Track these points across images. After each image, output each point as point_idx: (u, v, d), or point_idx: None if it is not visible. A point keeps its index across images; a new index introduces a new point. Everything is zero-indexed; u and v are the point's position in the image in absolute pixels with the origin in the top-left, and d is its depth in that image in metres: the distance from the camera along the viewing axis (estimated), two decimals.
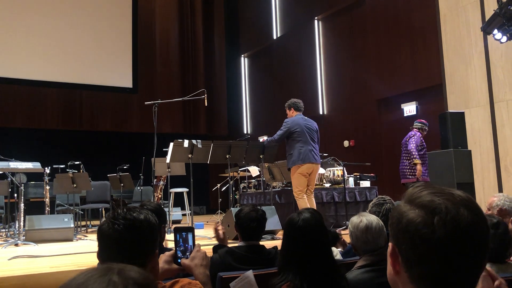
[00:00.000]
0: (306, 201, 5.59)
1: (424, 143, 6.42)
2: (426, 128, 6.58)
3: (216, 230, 2.94)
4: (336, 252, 2.99)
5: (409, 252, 0.84)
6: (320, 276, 1.75)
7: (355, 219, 2.29)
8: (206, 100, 6.02)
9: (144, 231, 1.45)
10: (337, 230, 3.69)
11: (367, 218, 2.27)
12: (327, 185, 6.84)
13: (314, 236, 1.84)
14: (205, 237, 5.71)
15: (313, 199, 5.82)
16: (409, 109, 8.65)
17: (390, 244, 0.89)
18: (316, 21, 10.88)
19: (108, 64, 12.51)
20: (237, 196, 8.46)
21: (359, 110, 9.68)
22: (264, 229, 2.76)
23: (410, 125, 8.65)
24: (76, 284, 0.63)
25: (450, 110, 6.51)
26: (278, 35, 12.19)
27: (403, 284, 0.88)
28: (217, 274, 2.16)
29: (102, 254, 1.46)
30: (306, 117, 6.04)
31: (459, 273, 0.81)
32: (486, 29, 6.10)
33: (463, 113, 6.25)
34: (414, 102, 8.59)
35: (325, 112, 10.67)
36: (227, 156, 5.74)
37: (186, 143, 5.50)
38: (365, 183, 7.14)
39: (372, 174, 7.72)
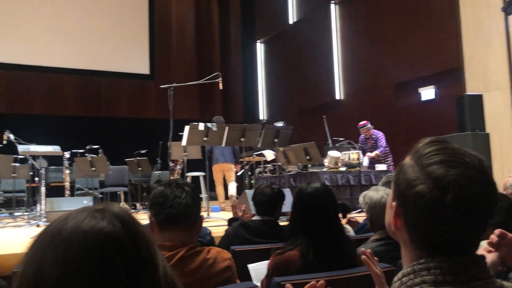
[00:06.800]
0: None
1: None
2: None
3: (234, 207, 3.01)
4: (349, 229, 3.00)
5: (414, 220, 0.83)
6: (327, 243, 1.77)
7: (374, 195, 2.29)
8: (221, 83, 6.04)
9: (199, 197, 1.80)
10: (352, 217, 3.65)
11: (387, 193, 2.27)
12: (343, 168, 6.83)
13: (322, 202, 1.87)
14: (221, 218, 5.77)
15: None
16: (427, 93, 8.50)
17: (394, 203, 0.87)
18: (332, 5, 10.75)
19: (125, 50, 12.61)
20: (253, 181, 8.48)
21: (376, 94, 9.57)
22: (279, 206, 2.79)
23: (427, 109, 8.53)
24: (60, 220, 0.71)
25: (467, 93, 6.40)
26: (294, 20, 12.08)
27: (404, 243, 0.87)
28: (229, 247, 2.21)
29: (161, 220, 1.68)
30: None
31: (463, 242, 0.82)
32: (507, 9, 5.96)
33: (481, 95, 6.14)
34: (433, 86, 8.45)
35: (341, 97, 10.59)
36: (242, 139, 5.77)
37: (201, 125, 5.55)
38: (382, 166, 7.09)
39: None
